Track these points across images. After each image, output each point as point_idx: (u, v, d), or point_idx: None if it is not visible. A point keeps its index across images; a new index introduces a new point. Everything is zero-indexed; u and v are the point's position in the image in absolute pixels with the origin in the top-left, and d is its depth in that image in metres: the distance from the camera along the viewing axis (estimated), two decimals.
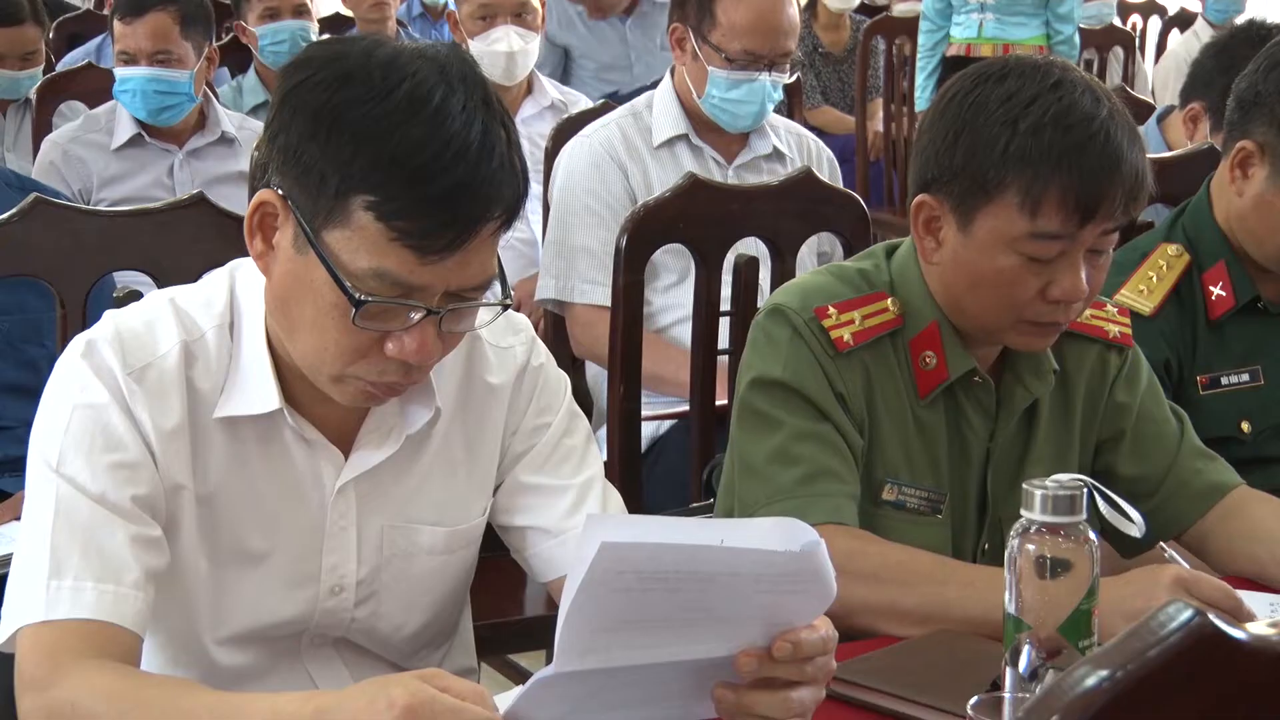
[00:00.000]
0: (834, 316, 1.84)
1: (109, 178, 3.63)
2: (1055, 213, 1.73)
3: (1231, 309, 2.33)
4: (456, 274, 1.47)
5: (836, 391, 1.83)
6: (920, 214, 1.83)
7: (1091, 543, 1.41)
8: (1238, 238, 2.35)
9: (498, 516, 1.73)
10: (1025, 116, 1.74)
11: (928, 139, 1.83)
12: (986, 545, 1.92)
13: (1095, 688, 0.76)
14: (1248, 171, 2.32)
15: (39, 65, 4.38)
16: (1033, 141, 1.73)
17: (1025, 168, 1.73)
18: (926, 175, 1.82)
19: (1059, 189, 1.73)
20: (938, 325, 1.86)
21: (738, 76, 3.12)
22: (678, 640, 1.32)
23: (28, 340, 2.82)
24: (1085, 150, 1.72)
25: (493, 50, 3.90)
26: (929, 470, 1.88)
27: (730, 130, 3.19)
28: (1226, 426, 2.31)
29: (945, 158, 1.79)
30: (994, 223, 1.76)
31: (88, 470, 1.51)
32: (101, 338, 1.55)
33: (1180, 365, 2.31)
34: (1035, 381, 1.90)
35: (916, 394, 1.87)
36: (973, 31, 5.05)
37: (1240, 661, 0.78)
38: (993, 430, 1.90)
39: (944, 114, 1.80)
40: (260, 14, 4.50)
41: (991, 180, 1.75)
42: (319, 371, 1.53)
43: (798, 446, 1.81)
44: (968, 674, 1.51)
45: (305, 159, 1.46)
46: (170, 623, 1.61)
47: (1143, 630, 0.77)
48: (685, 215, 2.60)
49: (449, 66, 1.47)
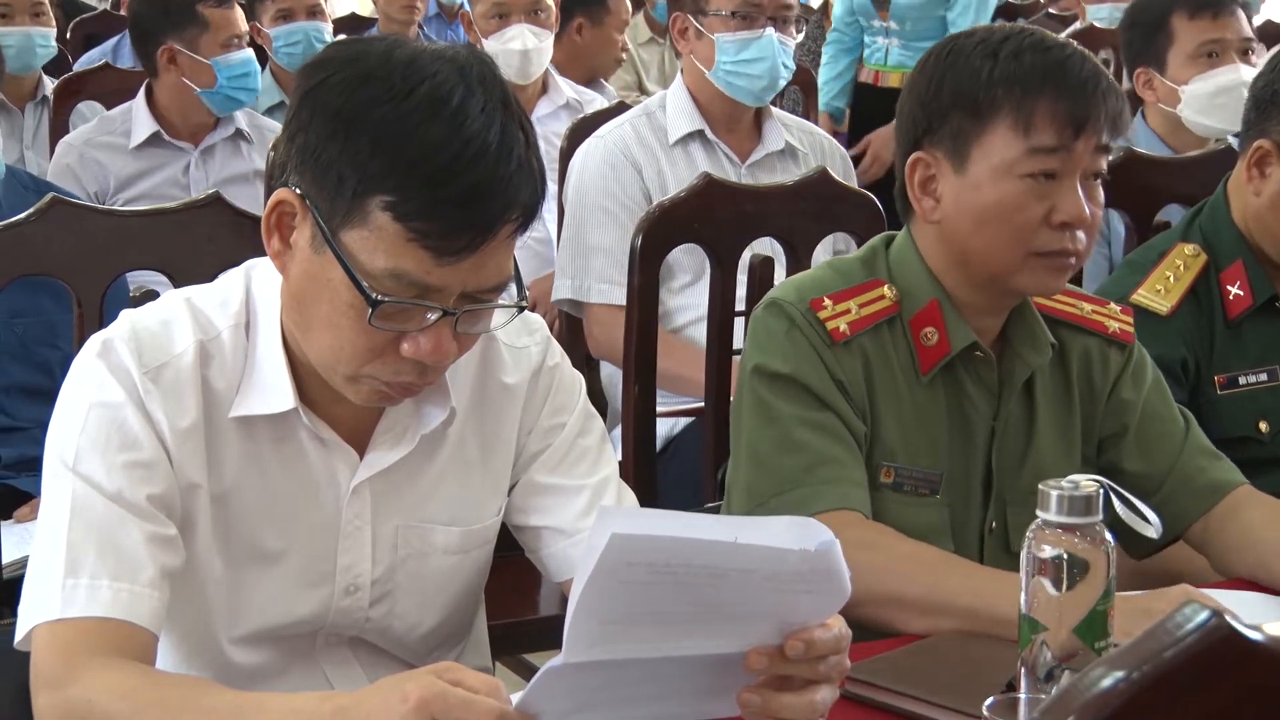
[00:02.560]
0: (829, 308, 1.87)
1: (126, 178, 3.64)
2: (1048, 125, 1.80)
3: (1249, 308, 2.33)
4: (473, 275, 1.47)
5: (836, 380, 1.85)
6: (915, 174, 1.87)
7: (1108, 543, 1.41)
8: (1255, 237, 2.35)
9: (512, 516, 1.74)
10: (1003, 47, 1.83)
11: (911, 99, 1.89)
12: (994, 524, 1.93)
13: (1111, 688, 0.76)
14: (1265, 171, 2.32)
15: (50, 27, 4.38)
16: (1015, 65, 1.81)
17: (1013, 86, 1.80)
18: (916, 132, 1.87)
19: (1049, 101, 1.80)
20: (938, 302, 1.89)
21: (744, 35, 3.14)
22: (688, 635, 1.31)
23: (41, 342, 2.84)
24: (1066, 67, 1.81)
25: (507, 49, 3.91)
26: (927, 451, 1.89)
27: (747, 101, 3.19)
28: (1245, 426, 2.31)
29: (933, 103, 1.85)
30: (990, 151, 1.82)
31: (104, 469, 1.52)
32: (118, 337, 1.56)
33: (1198, 365, 2.31)
34: (1032, 354, 1.92)
35: (917, 373, 1.89)
36: (880, 57, 5.06)
37: (1257, 663, 0.77)
38: (996, 408, 1.91)
39: (923, 71, 1.88)
40: (274, 15, 4.51)
41: (983, 105, 1.81)
42: (334, 371, 1.54)
43: (802, 434, 1.83)
44: (983, 675, 1.51)
45: (324, 159, 1.46)
46: (185, 622, 1.62)
47: (1159, 631, 0.77)
48: (700, 215, 2.60)
49: (468, 67, 1.47)
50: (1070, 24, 6.07)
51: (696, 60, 3.19)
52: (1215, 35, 3.29)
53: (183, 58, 3.64)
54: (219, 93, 3.67)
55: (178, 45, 3.63)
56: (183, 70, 3.65)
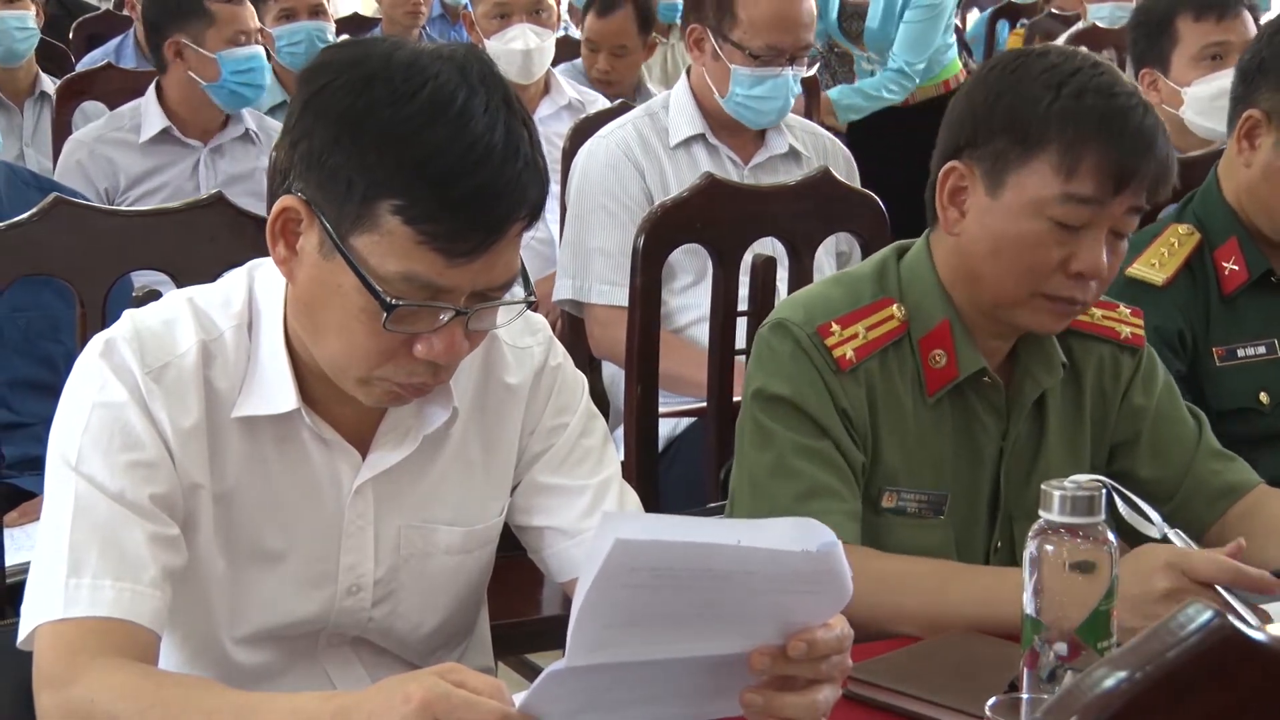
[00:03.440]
0: (837, 334, 1.84)
1: (136, 175, 3.65)
2: (1091, 176, 1.75)
3: (1245, 283, 2.35)
4: (483, 274, 1.47)
5: (840, 408, 1.83)
6: (947, 182, 1.84)
7: (1111, 543, 1.41)
8: (1248, 213, 2.38)
9: (515, 516, 1.74)
10: (1069, 82, 1.77)
11: (965, 105, 1.84)
12: (999, 544, 1.92)
13: (1114, 689, 0.76)
14: (1255, 141, 2.35)
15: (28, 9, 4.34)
16: (1076, 104, 1.76)
17: (1067, 126, 1.75)
18: (960, 140, 1.83)
19: (1098, 152, 1.75)
20: (948, 323, 1.86)
21: (762, 73, 3.12)
22: (691, 637, 1.31)
23: (45, 337, 2.84)
24: (1126, 120, 1.75)
25: (509, 49, 3.91)
26: (930, 472, 1.88)
27: (753, 127, 3.19)
28: (1245, 398, 2.33)
29: (985, 118, 1.81)
30: (1027, 184, 1.77)
31: (106, 469, 1.52)
32: (120, 337, 1.56)
33: (1194, 337, 2.33)
34: (1044, 374, 1.91)
35: (923, 393, 1.87)
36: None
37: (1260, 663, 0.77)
38: (1005, 429, 1.90)
39: (985, 80, 1.83)
40: (276, 15, 4.52)
41: (1033, 137, 1.76)
42: (346, 374, 1.54)
43: (796, 461, 1.81)
44: (985, 675, 1.51)
45: (330, 164, 1.46)
46: (188, 621, 1.62)
47: (1162, 631, 0.77)
48: (702, 215, 2.60)
49: (469, 68, 1.47)
50: (1072, 24, 6.06)
51: (708, 77, 3.18)
52: (1220, 38, 3.29)
53: (189, 52, 3.65)
54: (224, 87, 3.67)
55: (184, 39, 3.65)
56: (189, 64, 3.66)
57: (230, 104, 3.71)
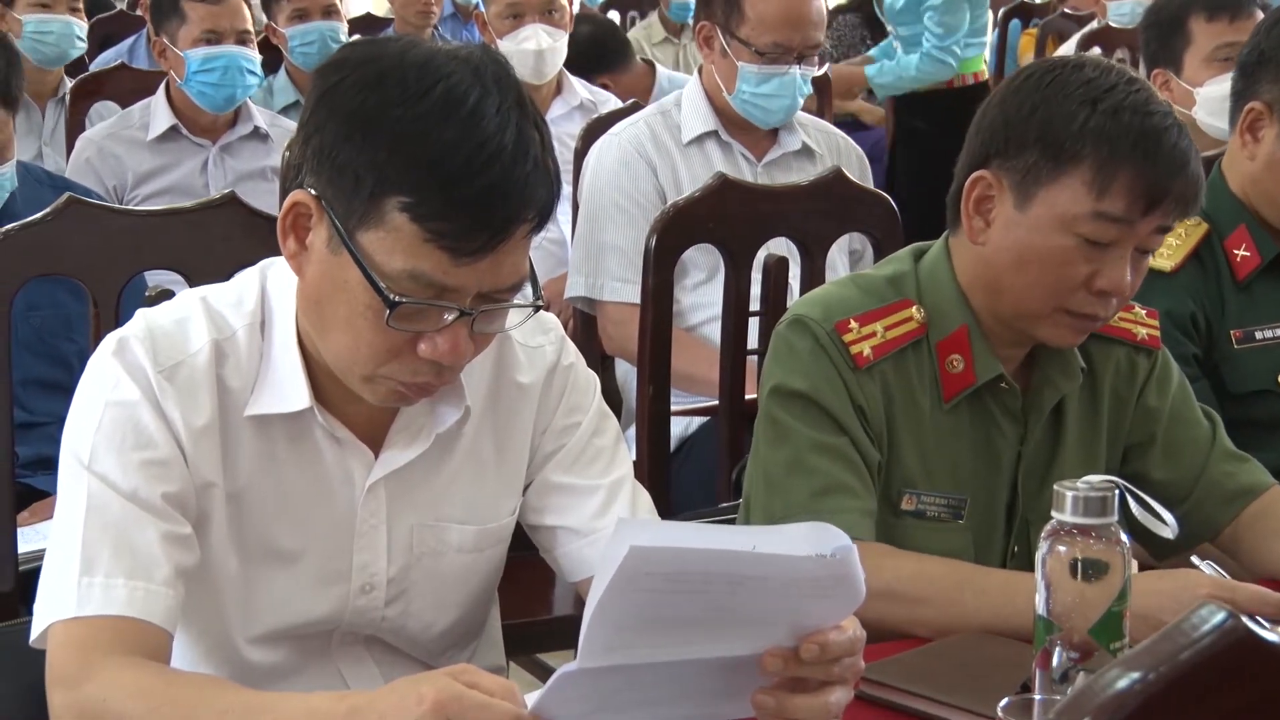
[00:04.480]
0: (855, 330, 1.83)
1: (144, 173, 3.66)
2: (1123, 195, 1.74)
3: (1258, 268, 2.36)
4: (490, 275, 1.47)
5: (856, 405, 1.82)
6: (974, 191, 1.82)
7: (1123, 544, 1.41)
8: (1255, 204, 2.39)
9: (527, 516, 1.74)
10: (1105, 99, 1.75)
11: (997, 114, 1.82)
12: (1016, 549, 1.91)
13: (1127, 689, 0.76)
14: (1258, 134, 2.36)
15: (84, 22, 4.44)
16: (1112, 121, 1.74)
17: (1102, 144, 1.74)
18: (990, 149, 1.81)
19: (1131, 171, 1.73)
20: (967, 329, 1.85)
21: (768, 70, 3.12)
22: (703, 640, 1.31)
23: (58, 336, 2.85)
24: (1162, 140, 1.74)
25: (521, 49, 3.91)
26: (948, 476, 1.87)
27: (762, 126, 3.19)
28: (1263, 380, 2.33)
29: (1018, 130, 1.78)
30: (1057, 199, 1.76)
31: (119, 468, 1.52)
32: (133, 336, 1.56)
33: (1209, 322, 2.33)
34: (1063, 380, 1.90)
35: (940, 398, 1.86)
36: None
37: (1274, 665, 0.77)
38: (1023, 434, 1.89)
39: (1019, 91, 1.81)
40: (290, 15, 4.52)
41: (1066, 153, 1.75)
42: (351, 371, 1.54)
43: (813, 458, 1.81)
44: (997, 675, 1.50)
45: (340, 160, 1.46)
46: (201, 621, 1.62)
47: (1175, 633, 0.77)
48: (715, 215, 2.60)
49: (483, 68, 1.47)
50: (1086, 23, 6.04)
51: (717, 74, 3.18)
52: (1232, 38, 3.27)
53: (169, 50, 3.69)
54: (191, 85, 3.67)
55: (164, 38, 3.70)
56: (169, 63, 3.70)
57: (202, 104, 3.70)
